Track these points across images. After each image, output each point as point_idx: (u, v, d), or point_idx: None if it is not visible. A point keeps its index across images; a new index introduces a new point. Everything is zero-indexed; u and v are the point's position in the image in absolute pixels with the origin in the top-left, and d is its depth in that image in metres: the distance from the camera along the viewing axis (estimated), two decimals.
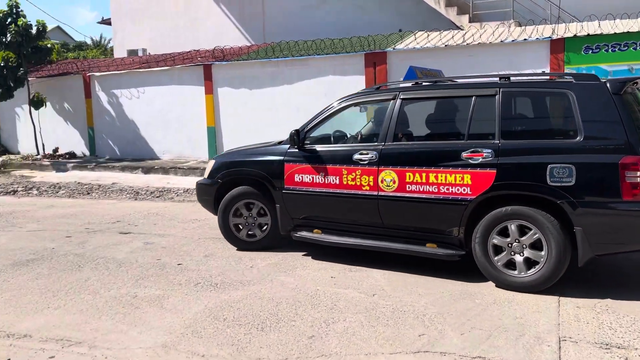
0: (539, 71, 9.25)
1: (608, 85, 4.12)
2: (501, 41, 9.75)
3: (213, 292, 4.44)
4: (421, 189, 4.58)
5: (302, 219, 5.34)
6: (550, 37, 9.44)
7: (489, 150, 4.31)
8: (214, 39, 14.86)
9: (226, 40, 14.30)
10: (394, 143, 4.82)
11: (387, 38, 11.09)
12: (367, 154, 4.85)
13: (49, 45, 14.06)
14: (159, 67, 12.97)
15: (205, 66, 12.39)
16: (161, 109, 13.10)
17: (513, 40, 9.68)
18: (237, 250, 5.71)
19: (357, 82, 10.92)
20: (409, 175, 4.62)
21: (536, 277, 4.18)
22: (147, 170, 11.89)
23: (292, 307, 4.06)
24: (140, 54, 15.45)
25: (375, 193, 4.81)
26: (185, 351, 3.39)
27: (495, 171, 4.25)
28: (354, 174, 4.90)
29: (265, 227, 5.60)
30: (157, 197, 9.67)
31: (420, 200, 4.61)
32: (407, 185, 4.64)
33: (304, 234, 5.30)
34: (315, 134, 5.39)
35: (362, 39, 11.22)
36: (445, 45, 10.05)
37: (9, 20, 12.97)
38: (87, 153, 14.22)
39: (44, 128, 14.02)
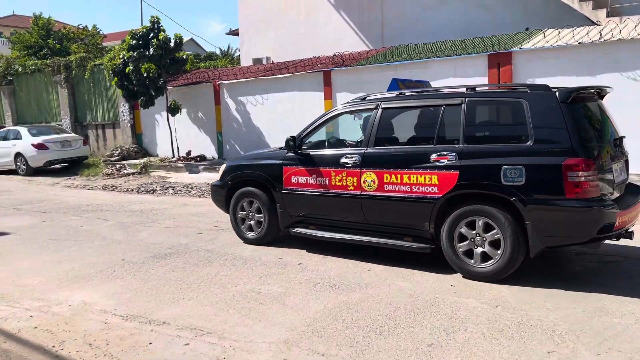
0: None
1: (557, 94, 4.50)
2: None
3: (332, 293, 4.54)
4: (397, 189, 5.11)
5: (299, 216, 5.95)
6: None
7: (454, 154, 4.78)
8: (333, 45, 15.18)
9: (345, 46, 14.56)
10: (375, 148, 5.35)
11: (513, 37, 10.55)
12: (352, 157, 5.43)
13: (184, 57, 15.24)
14: (282, 75, 13.53)
15: (324, 72, 12.70)
16: (283, 114, 13.65)
17: None
18: (244, 243, 6.38)
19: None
20: (387, 177, 5.16)
21: (494, 267, 4.62)
22: None
23: (411, 313, 4.02)
24: (264, 62, 16.24)
25: (358, 193, 5.38)
26: (306, 349, 3.50)
27: (458, 172, 4.72)
28: (340, 175, 5.49)
29: (268, 224, 6.17)
30: None
31: (396, 199, 5.13)
32: (385, 185, 5.18)
33: (301, 230, 5.94)
34: (312, 139, 6.00)
35: (486, 40, 10.79)
36: (579, 43, 9.34)
37: (151, 35, 14.29)
38: (216, 156, 15.22)
39: (179, 133, 15.25)
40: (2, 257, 6.12)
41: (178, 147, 15.15)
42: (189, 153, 15.07)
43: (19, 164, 15.50)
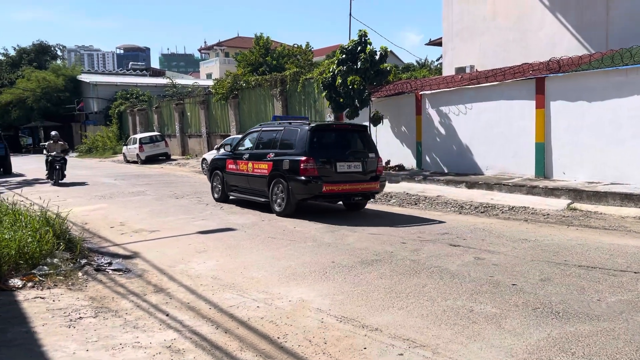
0: None
1: (309, 126, 9.40)
2: None
3: (555, 321, 4.11)
4: (257, 171, 10.07)
5: (233, 186, 11.02)
6: None
7: (273, 154, 9.74)
8: (545, 51, 14.04)
9: (559, 51, 13.33)
10: (255, 150, 10.42)
11: None
12: (246, 154, 10.53)
13: (387, 68, 15.55)
14: (488, 83, 12.95)
15: (537, 79, 11.80)
16: (486, 124, 13.07)
17: None
18: (216, 201, 11.48)
19: None
20: (255, 164, 10.16)
21: (283, 209, 9.32)
22: (471, 185, 11.99)
23: None
24: (467, 70, 15.73)
25: (247, 173, 10.39)
26: None
27: (272, 163, 9.65)
28: (242, 164, 10.54)
29: (221, 190, 11.38)
30: (482, 212, 9.64)
31: (257, 176, 10.06)
32: (254, 170, 10.16)
33: (233, 194, 11.01)
34: (240, 147, 11.16)
35: None
36: None
37: (359, 48, 14.89)
38: (414, 166, 15.23)
39: (379, 142, 15.55)
40: (233, 249, 6.90)
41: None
42: (388, 162, 15.31)
43: None
